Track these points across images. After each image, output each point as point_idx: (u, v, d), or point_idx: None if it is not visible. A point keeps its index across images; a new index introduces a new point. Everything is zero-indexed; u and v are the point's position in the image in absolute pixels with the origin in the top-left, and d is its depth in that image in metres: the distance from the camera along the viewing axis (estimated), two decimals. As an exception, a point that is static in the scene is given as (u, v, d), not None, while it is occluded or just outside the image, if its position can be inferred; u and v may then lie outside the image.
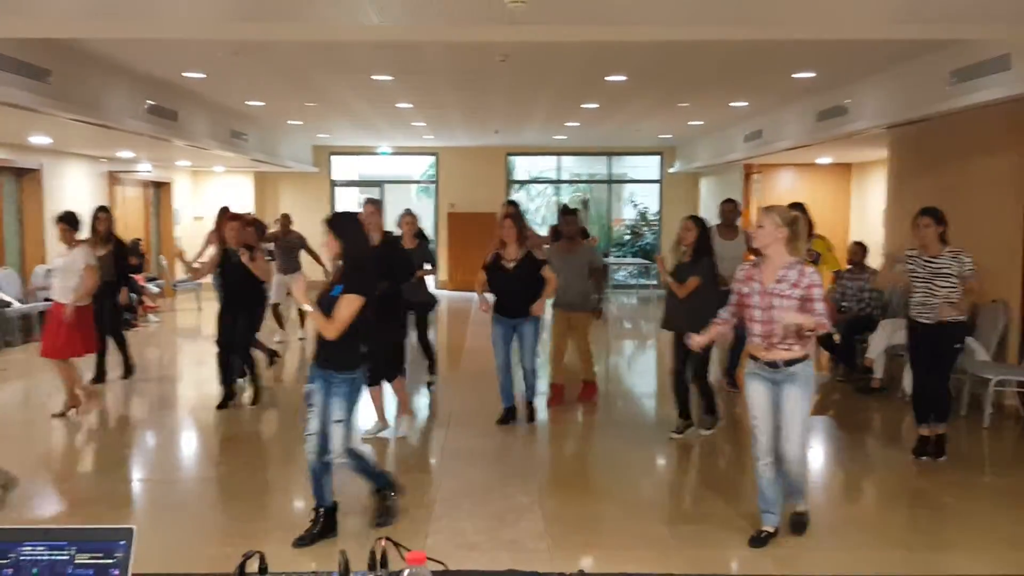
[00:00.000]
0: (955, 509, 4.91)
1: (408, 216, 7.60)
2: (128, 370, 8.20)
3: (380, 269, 4.89)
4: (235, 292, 7.11)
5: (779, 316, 3.96)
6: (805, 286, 3.99)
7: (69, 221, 6.85)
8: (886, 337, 7.61)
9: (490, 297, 6.59)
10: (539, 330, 6.54)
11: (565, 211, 7.61)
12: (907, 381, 7.26)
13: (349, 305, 4.11)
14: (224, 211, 8.32)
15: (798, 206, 7.34)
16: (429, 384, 8.00)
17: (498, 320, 6.50)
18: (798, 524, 4.38)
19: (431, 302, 7.72)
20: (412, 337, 7.50)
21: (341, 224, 4.30)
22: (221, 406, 7.04)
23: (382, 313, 4.84)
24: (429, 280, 7.80)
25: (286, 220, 10.77)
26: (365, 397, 4.73)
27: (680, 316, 5.94)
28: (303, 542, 4.17)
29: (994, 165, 7.34)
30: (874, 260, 9.24)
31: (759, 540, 4.23)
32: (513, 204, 7.41)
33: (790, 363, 4.07)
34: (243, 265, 6.94)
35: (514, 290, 6.31)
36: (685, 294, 5.99)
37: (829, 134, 9.34)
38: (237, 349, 7.21)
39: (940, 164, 8.25)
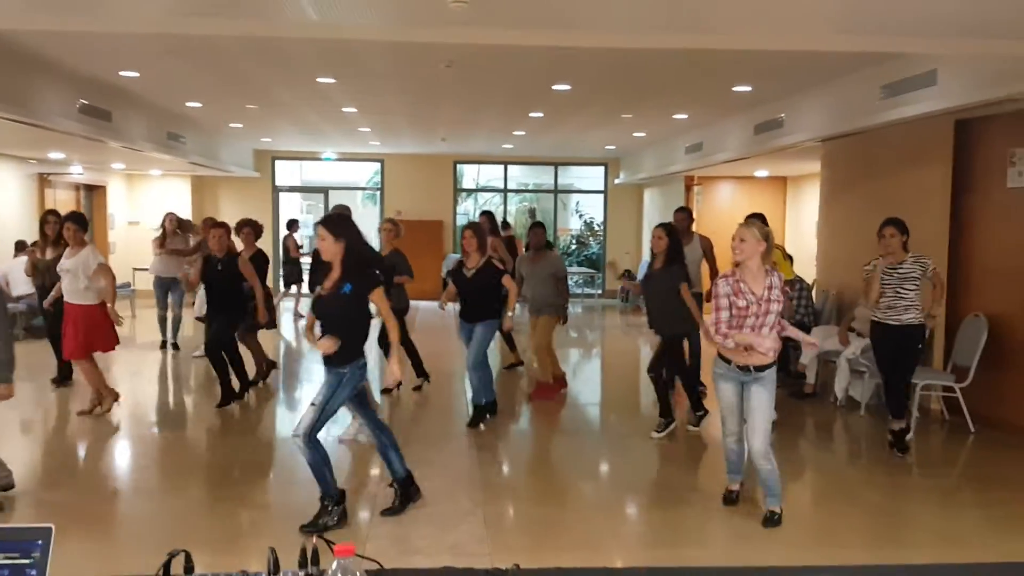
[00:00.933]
0: (886, 508, 5.05)
1: (388, 223, 7.81)
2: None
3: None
4: (219, 298, 7.36)
5: (770, 322, 4.36)
6: (780, 288, 4.41)
7: (78, 221, 6.84)
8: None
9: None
10: (490, 334, 6.74)
11: (534, 224, 8.10)
12: (839, 386, 7.48)
13: (383, 298, 4.39)
14: (209, 220, 8.56)
15: (759, 216, 7.72)
16: (417, 387, 8.04)
17: (461, 324, 6.87)
18: (770, 522, 4.53)
19: (407, 308, 7.84)
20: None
21: (339, 224, 4.34)
22: (221, 404, 7.23)
23: None
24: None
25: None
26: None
27: (663, 319, 6.41)
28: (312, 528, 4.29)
29: (922, 177, 7.59)
30: (802, 270, 9.50)
31: (731, 499, 4.79)
32: (487, 214, 8.13)
33: (761, 368, 4.43)
34: (226, 271, 7.23)
35: (471, 296, 6.67)
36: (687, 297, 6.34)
37: (766, 147, 9.56)
38: (207, 351, 7.42)
39: (870, 177, 8.51)
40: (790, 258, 8.85)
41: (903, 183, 7.88)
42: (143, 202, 16.33)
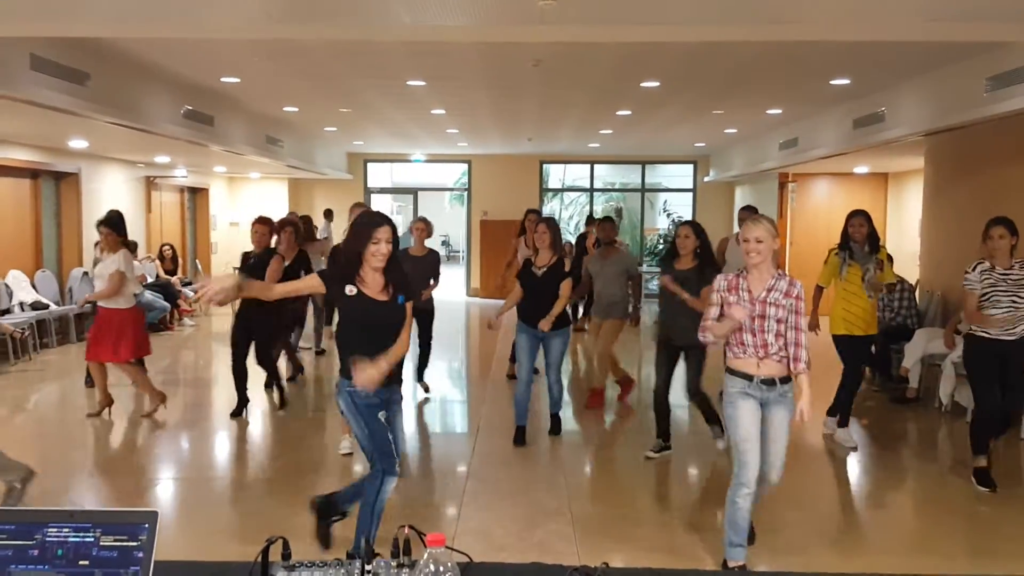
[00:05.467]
0: (991, 518, 4.80)
1: (420, 223, 7.31)
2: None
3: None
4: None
5: (771, 327, 3.73)
6: (795, 296, 3.76)
7: (112, 225, 6.64)
8: (922, 346, 7.47)
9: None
10: (567, 343, 6.30)
11: (604, 218, 7.68)
12: (944, 391, 7.13)
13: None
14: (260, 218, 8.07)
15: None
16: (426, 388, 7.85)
17: (524, 329, 6.22)
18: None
19: (431, 310, 7.48)
20: None
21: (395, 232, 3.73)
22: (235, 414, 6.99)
23: None
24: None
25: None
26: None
27: (681, 328, 5.53)
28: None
29: (1035, 172, 7.18)
30: (904, 271, 9.10)
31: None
32: (537, 212, 7.41)
33: (784, 380, 3.78)
34: (257, 267, 6.80)
35: (541, 297, 6.06)
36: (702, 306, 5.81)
37: (865, 142, 9.21)
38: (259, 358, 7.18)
39: (976, 173, 8.10)
40: (890, 259, 8.50)
41: (1012, 179, 7.46)
42: (243, 204, 16.97)
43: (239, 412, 6.97)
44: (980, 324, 5.12)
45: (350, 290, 3.59)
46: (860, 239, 6.03)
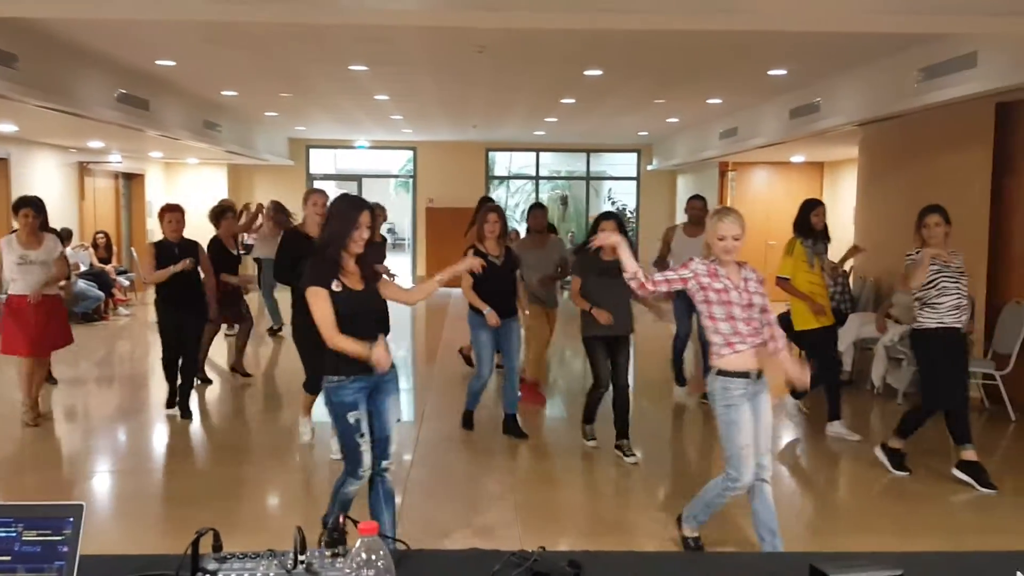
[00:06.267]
0: (923, 495, 4.98)
1: (378, 209, 6.89)
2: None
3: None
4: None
5: (756, 315, 3.62)
6: (761, 284, 3.71)
7: (37, 207, 6.25)
8: (855, 330, 7.69)
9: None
10: (520, 330, 6.22)
11: (534, 205, 7.45)
12: (876, 374, 7.37)
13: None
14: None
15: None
16: None
17: (483, 324, 5.74)
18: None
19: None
20: None
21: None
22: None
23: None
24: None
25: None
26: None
27: (621, 319, 5.44)
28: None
29: (961, 161, 7.43)
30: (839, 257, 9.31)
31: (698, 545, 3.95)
32: (491, 200, 7.31)
33: (760, 373, 3.68)
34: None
35: (505, 286, 5.79)
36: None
37: (802, 131, 9.41)
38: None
39: (909, 162, 8.34)
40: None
41: (943, 168, 7.71)
42: (181, 190, 16.56)
43: (173, 404, 6.64)
44: (917, 284, 4.95)
45: (336, 286, 3.46)
46: (822, 227, 5.96)
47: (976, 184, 7.17)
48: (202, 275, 6.63)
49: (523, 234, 9.04)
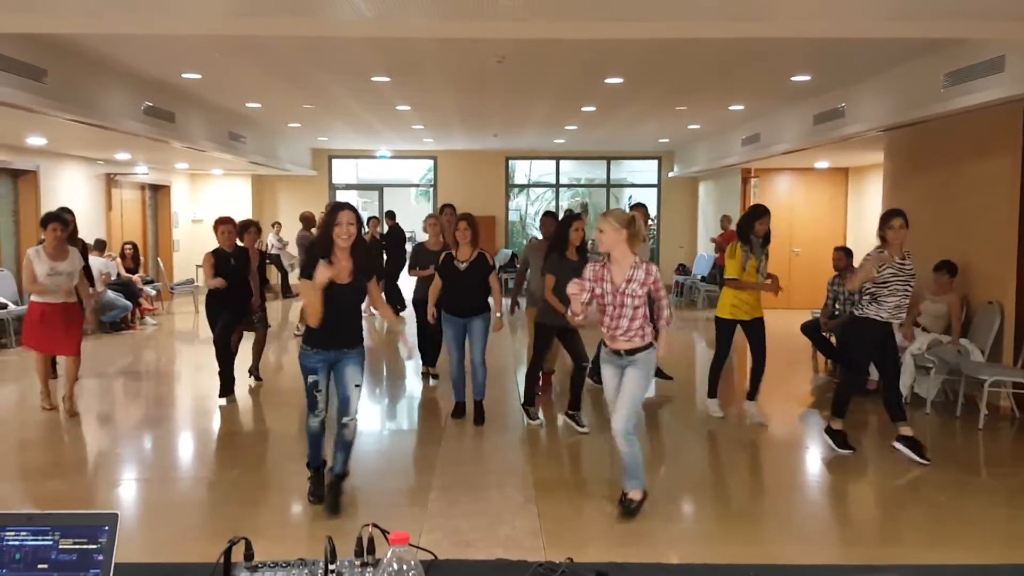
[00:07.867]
0: (950, 508, 4.90)
1: (432, 218, 7.93)
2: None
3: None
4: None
5: (627, 313, 4.41)
6: (651, 283, 4.46)
7: (65, 221, 6.63)
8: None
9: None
10: (488, 326, 6.60)
11: (545, 213, 8.01)
12: (903, 383, 7.27)
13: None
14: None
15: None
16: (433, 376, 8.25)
17: (449, 320, 6.60)
18: (627, 511, 4.55)
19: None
20: None
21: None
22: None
23: None
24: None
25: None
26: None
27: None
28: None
29: (988, 167, 7.34)
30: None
31: (628, 508, 4.55)
32: (451, 207, 8.01)
33: (632, 352, 4.50)
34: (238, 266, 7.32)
35: (466, 289, 6.47)
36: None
37: (826, 137, 9.35)
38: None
39: (935, 167, 8.26)
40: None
41: (970, 173, 7.63)
42: (206, 201, 16.76)
43: (228, 392, 7.28)
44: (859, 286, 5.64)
45: (322, 276, 4.25)
46: (762, 234, 6.50)
47: (1003, 191, 7.09)
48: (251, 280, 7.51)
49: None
